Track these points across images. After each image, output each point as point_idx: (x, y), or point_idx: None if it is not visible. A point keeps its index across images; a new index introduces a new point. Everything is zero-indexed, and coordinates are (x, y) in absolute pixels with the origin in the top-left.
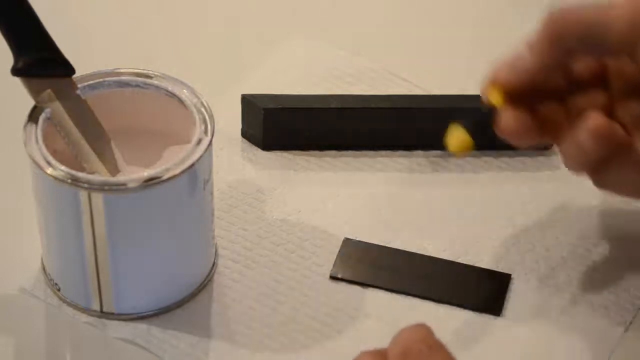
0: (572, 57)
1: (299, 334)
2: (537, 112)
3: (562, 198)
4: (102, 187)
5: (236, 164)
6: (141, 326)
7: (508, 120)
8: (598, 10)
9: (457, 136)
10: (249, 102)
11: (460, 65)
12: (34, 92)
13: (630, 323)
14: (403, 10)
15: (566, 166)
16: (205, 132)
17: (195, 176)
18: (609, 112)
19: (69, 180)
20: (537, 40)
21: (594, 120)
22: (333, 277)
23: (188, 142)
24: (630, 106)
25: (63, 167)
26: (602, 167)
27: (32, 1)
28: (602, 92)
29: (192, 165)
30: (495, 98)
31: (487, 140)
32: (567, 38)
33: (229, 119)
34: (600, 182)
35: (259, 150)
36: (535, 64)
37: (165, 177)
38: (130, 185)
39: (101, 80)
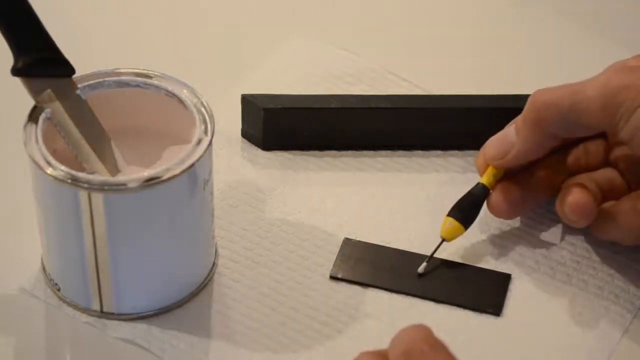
0: (557, 138)
1: (299, 334)
2: (532, 176)
3: None
4: (102, 187)
5: (236, 164)
6: (141, 326)
7: (497, 200)
8: (573, 97)
9: (450, 227)
10: (249, 102)
11: (460, 65)
12: (34, 92)
13: (630, 323)
14: (403, 10)
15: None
16: (205, 132)
17: (195, 176)
18: (606, 159)
19: (69, 180)
20: (521, 127)
21: (573, 195)
22: (333, 277)
23: (188, 142)
24: (624, 154)
25: (63, 167)
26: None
27: (32, 1)
28: (598, 141)
29: (192, 165)
30: (485, 179)
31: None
32: (548, 125)
33: (229, 119)
34: (596, 232)
35: (259, 150)
36: (522, 147)
37: (165, 177)
38: (130, 185)
39: (101, 80)
